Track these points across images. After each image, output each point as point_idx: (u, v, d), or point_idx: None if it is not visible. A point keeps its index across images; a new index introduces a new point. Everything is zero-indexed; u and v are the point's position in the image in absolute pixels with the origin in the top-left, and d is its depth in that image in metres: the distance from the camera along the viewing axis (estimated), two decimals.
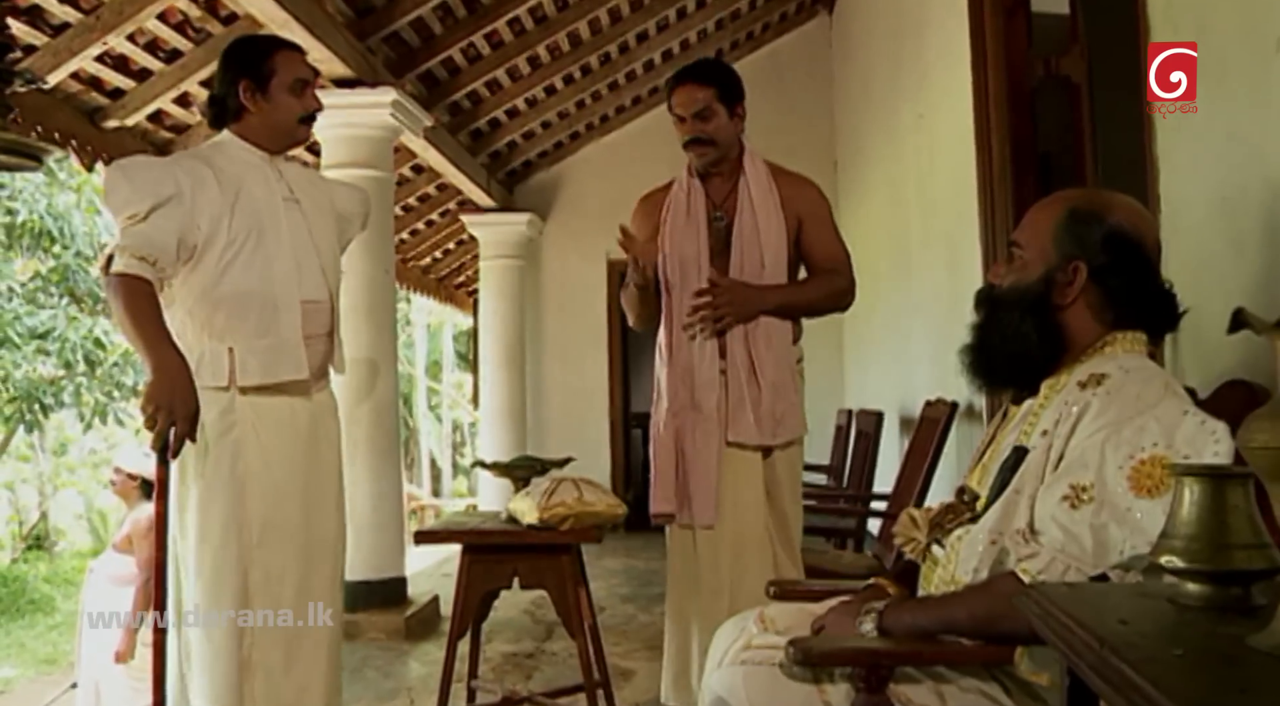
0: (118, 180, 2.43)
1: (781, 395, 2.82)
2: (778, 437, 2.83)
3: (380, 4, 5.01)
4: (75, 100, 4.38)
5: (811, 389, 7.76)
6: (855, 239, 7.24)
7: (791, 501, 2.90)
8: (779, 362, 2.83)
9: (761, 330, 2.81)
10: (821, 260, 2.90)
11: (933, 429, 3.99)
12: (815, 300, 2.90)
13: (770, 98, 8.10)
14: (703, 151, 2.87)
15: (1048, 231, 1.76)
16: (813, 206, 2.91)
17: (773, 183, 2.87)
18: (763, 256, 2.83)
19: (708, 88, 2.83)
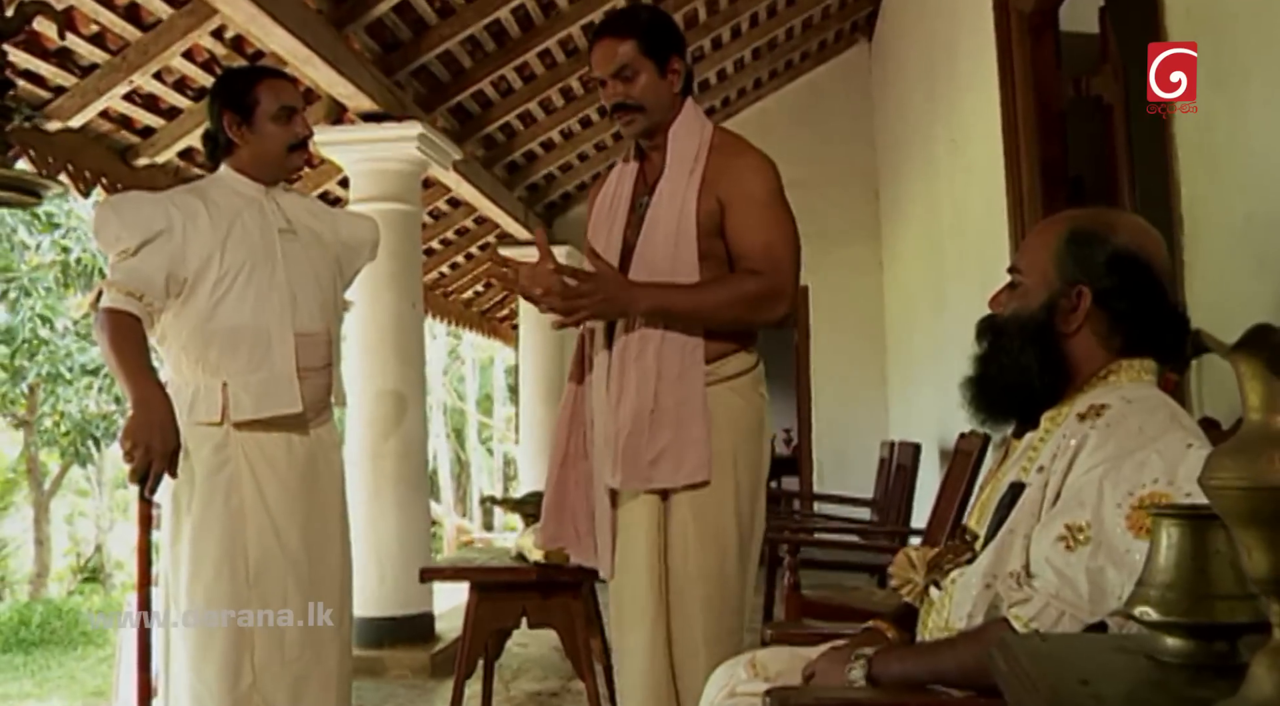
0: (108, 216, 2.44)
1: (679, 428, 2.17)
2: (670, 479, 2.18)
3: (407, 39, 5.02)
4: (106, 139, 4.44)
5: (854, 420, 7.69)
6: (896, 269, 7.20)
7: (713, 558, 2.21)
8: (680, 387, 2.18)
9: (653, 346, 2.18)
10: (742, 255, 2.21)
11: (966, 462, 3.85)
12: (712, 307, 2.19)
13: (810, 127, 8.06)
14: (628, 118, 2.27)
15: (1048, 255, 1.65)
16: (740, 185, 2.22)
17: (701, 157, 2.23)
18: (673, 250, 2.20)
19: (626, 40, 2.24)
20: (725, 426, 2.21)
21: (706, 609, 2.21)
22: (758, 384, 2.31)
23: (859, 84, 8.04)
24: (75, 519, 13.59)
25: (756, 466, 2.29)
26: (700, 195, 2.20)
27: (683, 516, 2.21)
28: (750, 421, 2.27)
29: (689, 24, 6.48)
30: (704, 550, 2.21)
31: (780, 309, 2.22)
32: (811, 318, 8.14)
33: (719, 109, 8.15)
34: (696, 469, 2.18)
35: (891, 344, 7.59)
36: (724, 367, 2.24)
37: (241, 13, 3.66)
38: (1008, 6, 3.66)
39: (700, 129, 2.28)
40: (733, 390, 2.24)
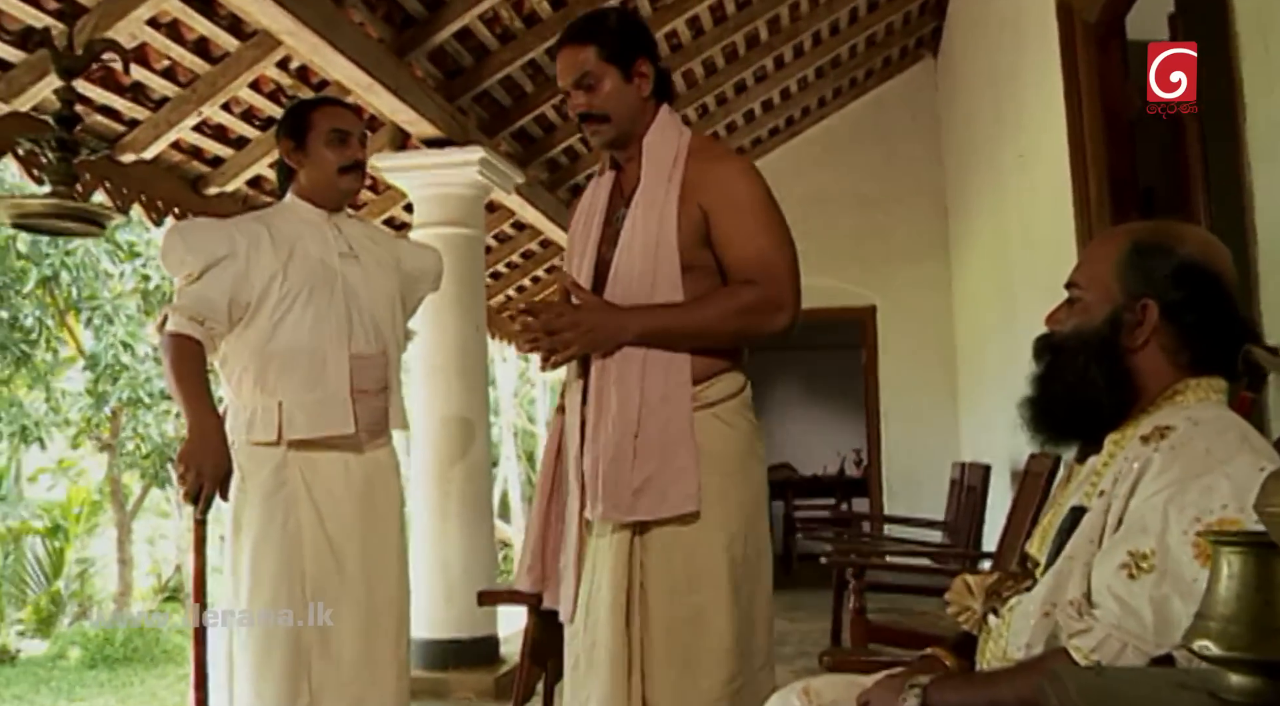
0: (174, 242, 2.51)
1: (664, 454, 2.00)
2: (654, 511, 2.00)
3: (469, 65, 5.08)
4: (178, 169, 4.55)
5: (925, 440, 7.56)
6: (966, 287, 7.07)
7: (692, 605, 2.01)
8: (665, 410, 2.02)
9: (636, 367, 2.02)
10: (733, 266, 2.06)
11: (1036, 484, 3.75)
12: (708, 323, 2.03)
13: (876, 144, 7.98)
14: (595, 129, 2.14)
15: (1110, 268, 1.59)
16: (724, 192, 2.06)
17: (679, 163, 2.08)
18: (653, 262, 2.05)
19: (586, 47, 2.10)
20: (712, 457, 2.03)
21: (684, 664, 1.99)
22: (746, 408, 2.14)
23: (925, 100, 7.94)
24: (157, 540, 13.91)
25: (751, 500, 2.09)
26: (681, 203, 2.05)
27: (660, 555, 2.02)
28: (740, 449, 2.09)
29: (750, 43, 6.47)
30: (684, 595, 2.01)
31: (782, 319, 2.05)
32: (880, 336, 8.04)
33: (782, 129, 8.11)
34: (684, 499, 2.00)
35: (962, 363, 7.46)
36: (709, 392, 2.07)
37: (305, 44, 3.72)
38: (1072, 16, 3.58)
39: (677, 135, 2.13)
40: (718, 416, 2.06)
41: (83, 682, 10.50)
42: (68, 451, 13.40)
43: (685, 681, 2.01)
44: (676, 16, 5.59)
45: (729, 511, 2.04)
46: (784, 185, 7.98)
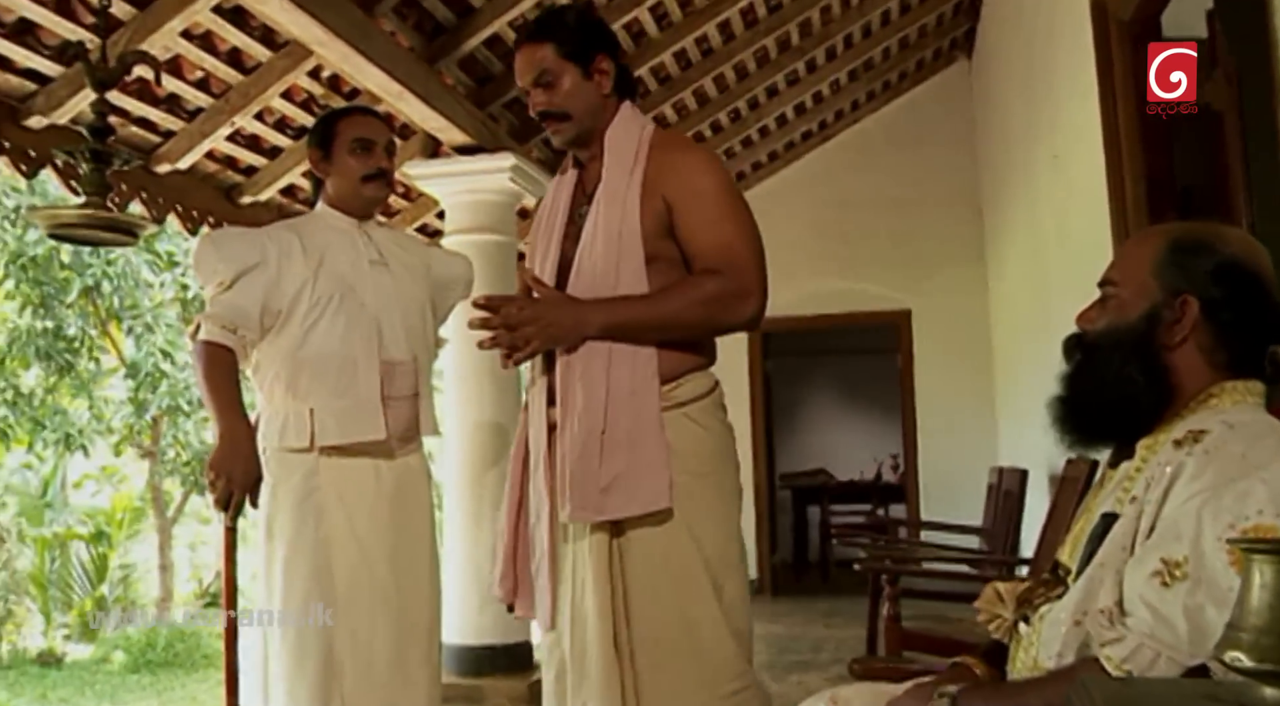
0: (206, 250, 2.54)
1: (633, 450, 1.95)
2: (624, 509, 1.96)
3: (499, 72, 5.09)
4: (213, 179, 4.60)
5: (962, 445, 7.48)
6: (1002, 290, 7.01)
7: (678, 604, 1.97)
8: (633, 405, 1.97)
9: (601, 362, 1.98)
10: (697, 256, 2.02)
11: (1073, 490, 3.69)
12: (672, 315, 1.99)
13: (910, 148, 7.93)
14: (556, 128, 2.12)
15: (1147, 265, 1.56)
16: (687, 182, 2.02)
17: (641, 156, 2.06)
18: (616, 256, 2.01)
19: (543, 44, 2.07)
20: (682, 456, 1.98)
21: (677, 671, 1.95)
22: (718, 408, 2.10)
23: (960, 102, 7.88)
24: (198, 545, 14.06)
25: (723, 502, 2.05)
26: (644, 195, 2.02)
27: (639, 557, 1.97)
28: (711, 450, 2.04)
29: (782, 47, 6.44)
30: (668, 598, 1.96)
31: (748, 308, 2.01)
32: (915, 341, 7.98)
33: (815, 132, 8.07)
34: (655, 495, 1.94)
35: (999, 366, 7.38)
36: (679, 391, 2.02)
37: (335, 53, 3.75)
38: (1106, 15, 3.53)
39: (639, 129, 2.10)
40: (689, 416, 2.02)
41: (126, 686, 10.65)
42: (111, 458, 13.58)
43: (681, 687, 1.97)
44: (707, 21, 5.58)
45: (700, 512, 1.99)
46: (817, 189, 7.96)
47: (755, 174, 8.26)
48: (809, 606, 7.47)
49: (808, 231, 8.12)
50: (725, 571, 2.02)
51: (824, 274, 8.04)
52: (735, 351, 8.34)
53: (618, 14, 5.07)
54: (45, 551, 12.79)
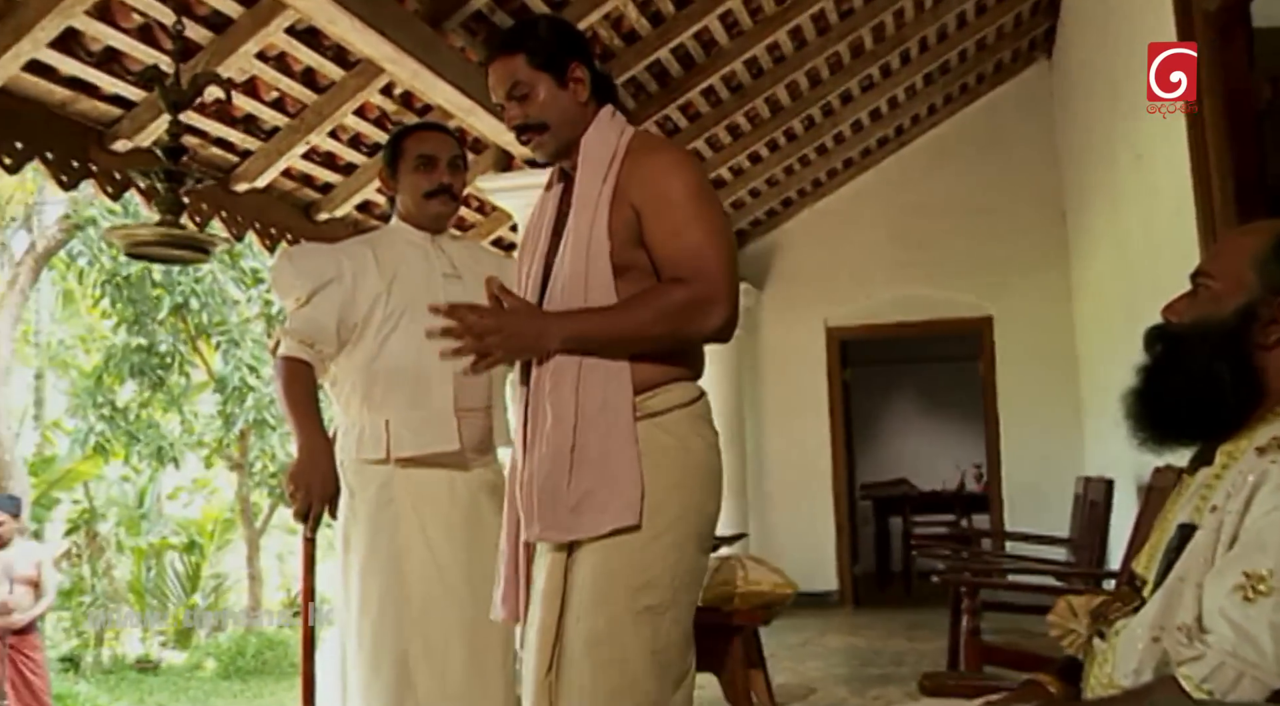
0: (283, 266, 2.60)
1: (604, 465, 1.88)
2: (595, 528, 1.88)
3: None
4: (290, 197, 4.69)
5: (1047, 454, 7.31)
6: (1087, 295, 6.82)
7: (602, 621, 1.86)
8: (604, 419, 1.90)
9: (570, 376, 1.91)
10: (663, 264, 1.93)
11: (1160, 500, 3.55)
12: (636, 326, 1.90)
13: (990, 152, 7.79)
14: (536, 141, 2.05)
15: (1248, 258, 1.49)
16: (654, 186, 1.93)
17: (616, 163, 1.98)
18: (584, 267, 1.94)
19: (514, 56, 2.00)
20: (647, 470, 1.88)
21: (594, 681, 1.86)
22: (697, 421, 1.97)
23: (1040, 104, 7.71)
24: (286, 556, 14.35)
25: (686, 520, 1.91)
26: (614, 202, 1.94)
27: (584, 570, 1.90)
28: (682, 464, 1.92)
29: (855, 52, 6.37)
30: (597, 614, 1.86)
31: (715, 318, 1.90)
32: (998, 348, 7.82)
33: (891, 138, 7.97)
34: (623, 511, 1.85)
35: (1085, 373, 7.19)
36: (652, 402, 1.92)
37: (406, 70, 3.80)
38: (1190, 6, 3.41)
39: (617, 134, 2.02)
40: (661, 427, 1.91)
41: (217, 692, 10.93)
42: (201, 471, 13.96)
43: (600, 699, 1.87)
44: (778, 28, 5.55)
45: (654, 531, 1.87)
46: (894, 196, 7.85)
47: (831, 181, 8.18)
48: (891, 618, 7.34)
49: (885, 238, 8.02)
50: (669, 595, 1.89)
51: (903, 281, 7.94)
52: (814, 360, 8.27)
53: (686, 23, 5.07)
54: (142, 561, 13.19)
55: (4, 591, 6.29)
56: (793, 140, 7.19)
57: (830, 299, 8.22)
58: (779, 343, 8.41)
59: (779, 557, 5.52)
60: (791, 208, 8.32)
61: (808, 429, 8.26)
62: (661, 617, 1.88)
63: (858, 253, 8.12)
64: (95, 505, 13.40)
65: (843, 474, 8.28)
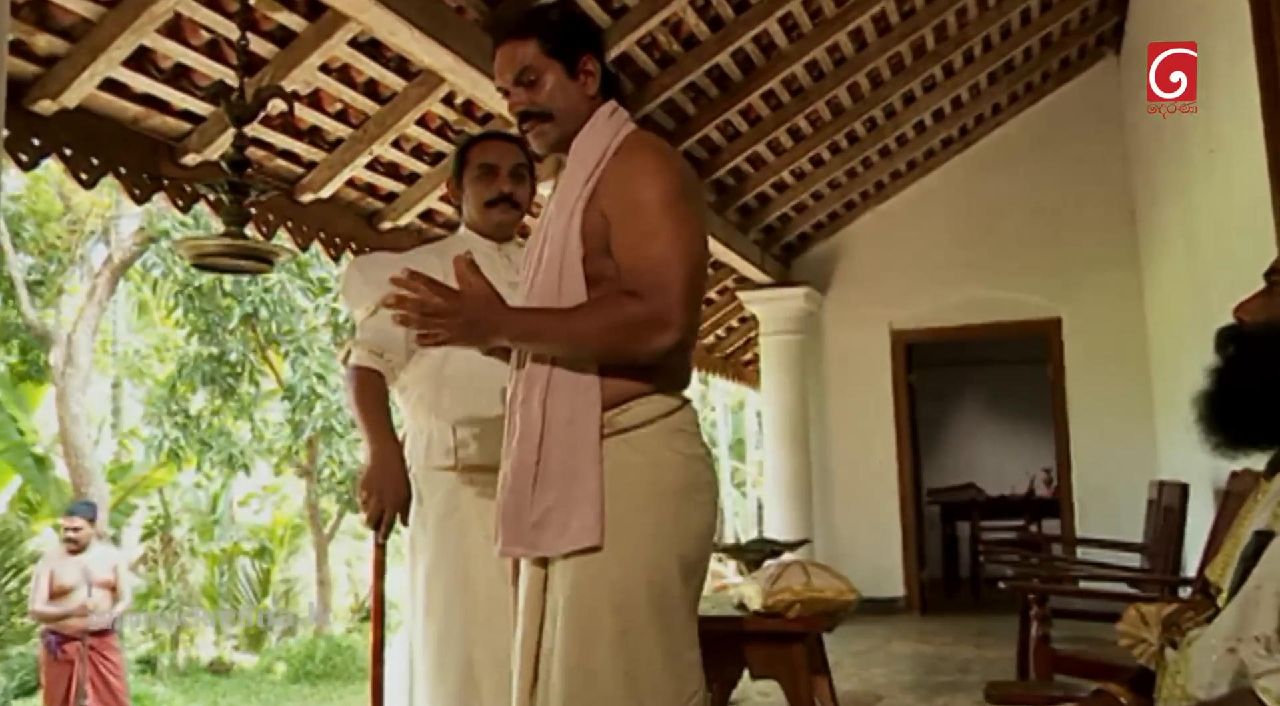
0: (353, 276, 2.64)
1: (567, 482, 1.82)
2: (555, 546, 1.82)
3: (630, 91, 5.12)
4: (354, 207, 4.76)
5: (1119, 458, 7.15)
6: (1159, 295, 6.67)
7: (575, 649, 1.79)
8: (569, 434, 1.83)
9: (540, 388, 1.86)
10: (623, 276, 1.84)
11: (1238, 505, 3.46)
12: (582, 335, 1.83)
13: (1057, 150, 7.66)
14: (539, 129, 1.97)
15: None
16: (626, 192, 1.85)
17: (604, 163, 1.90)
18: (558, 274, 1.88)
19: (527, 41, 1.93)
20: (616, 488, 1.80)
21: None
22: (672, 436, 1.87)
23: (1108, 101, 7.55)
24: (354, 562, 14.57)
25: (662, 539, 1.81)
26: (588, 209, 1.86)
27: (556, 593, 1.83)
28: (650, 482, 1.82)
29: (917, 52, 6.30)
30: (569, 637, 1.79)
31: (663, 338, 1.78)
32: (1067, 350, 7.68)
33: (956, 138, 7.87)
34: (583, 531, 1.78)
35: (1157, 375, 7.02)
36: (621, 417, 1.83)
37: (466, 79, 3.83)
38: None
39: (610, 134, 1.92)
40: (629, 443, 1.82)
41: (288, 695, 11.12)
42: (271, 477, 14.22)
43: None
44: (838, 30, 5.51)
45: (627, 551, 1.78)
46: (959, 197, 7.75)
47: (895, 183, 8.10)
48: (959, 625, 7.24)
49: (950, 240, 7.93)
50: (645, 617, 1.78)
51: (968, 283, 7.83)
52: (878, 363, 8.20)
53: (745, 28, 5.05)
54: (215, 566, 13.47)
55: (83, 594, 6.46)
56: (855, 142, 7.13)
57: (894, 302, 8.14)
58: (843, 346, 8.34)
59: (844, 563, 5.47)
60: (854, 210, 8.25)
61: (873, 433, 8.18)
62: (640, 640, 1.77)
63: (922, 255, 8.03)
64: (170, 511, 13.72)
65: (909, 478, 8.18)
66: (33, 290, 10.99)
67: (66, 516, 6.83)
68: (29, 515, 11.70)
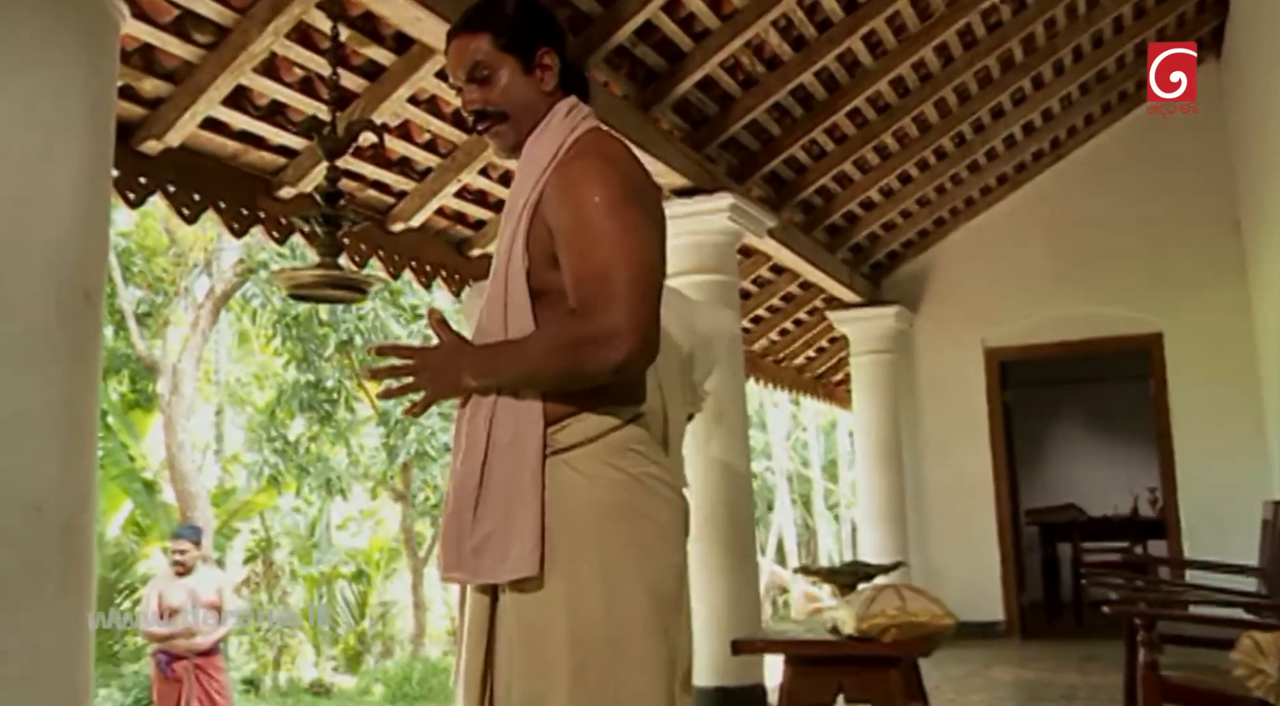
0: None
1: (508, 505, 1.70)
2: (495, 572, 1.70)
3: (714, 113, 5.14)
4: (444, 234, 4.85)
5: (1230, 477, 6.90)
6: (1268, 308, 6.41)
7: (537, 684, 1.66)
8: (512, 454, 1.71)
9: (486, 407, 1.73)
10: (570, 290, 1.70)
11: None
12: (533, 365, 1.70)
13: (1154, 161, 7.47)
14: (494, 129, 1.83)
15: None
16: (567, 198, 1.71)
17: (549, 170, 1.74)
18: (503, 290, 1.74)
19: (479, 35, 1.80)
20: (559, 513, 1.68)
21: None
22: (614, 454, 1.73)
23: (1209, 107, 7.28)
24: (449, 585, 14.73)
25: (611, 566, 1.68)
26: (533, 217, 1.72)
27: (509, 626, 1.70)
28: (596, 503, 1.70)
29: (1005, 65, 6.20)
30: (527, 673, 1.67)
31: (614, 353, 1.63)
32: (1169, 365, 7.44)
33: (1047, 152, 7.72)
34: (520, 561, 1.66)
35: (1270, 390, 6.75)
36: (560, 436, 1.71)
37: None
38: None
39: (564, 134, 1.77)
40: (569, 464, 1.71)
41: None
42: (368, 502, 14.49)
43: None
44: (923, 46, 5.45)
45: (577, 579, 1.67)
46: (1052, 211, 7.60)
47: (984, 199, 7.97)
48: (1062, 650, 7.03)
49: (1044, 255, 7.77)
50: (602, 647, 1.66)
51: (1063, 299, 7.66)
52: (972, 382, 8.06)
53: (828, 47, 5.03)
54: (314, 589, 13.75)
55: (190, 615, 6.64)
56: (943, 158, 7.04)
57: (988, 319, 8.00)
58: (935, 365, 8.22)
59: (940, 586, 5.37)
60: (944, 227, 8.14)
61: (967, 453, 8.03)
62: (607, 673, 1.65)
63: (1015, 271, 7.88)
64: (271, 535, 14.07)
65: (1006, 499, 8.00)
66: (141, 322, 11.40)
67: (174, 539, 7.02)
68: (140, 538, 12.10)
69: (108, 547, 11.04)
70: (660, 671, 1.68)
